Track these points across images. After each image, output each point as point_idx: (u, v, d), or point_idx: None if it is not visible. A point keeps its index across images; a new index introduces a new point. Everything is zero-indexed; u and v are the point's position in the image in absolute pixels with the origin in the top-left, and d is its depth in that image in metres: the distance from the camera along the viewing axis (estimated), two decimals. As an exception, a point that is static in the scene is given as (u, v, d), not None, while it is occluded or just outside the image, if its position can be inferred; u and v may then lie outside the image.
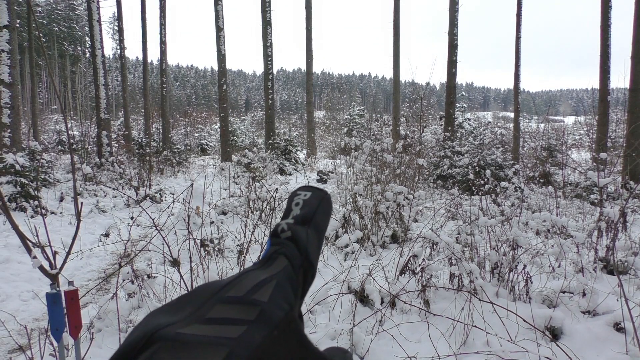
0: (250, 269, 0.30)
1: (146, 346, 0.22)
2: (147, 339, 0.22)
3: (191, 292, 0.27)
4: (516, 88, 15.34)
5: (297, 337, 0.25)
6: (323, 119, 36.29)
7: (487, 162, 9.45)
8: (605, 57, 10.56)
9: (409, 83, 27.13)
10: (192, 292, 0.27)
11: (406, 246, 3.59)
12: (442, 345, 2.20)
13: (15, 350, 2.39)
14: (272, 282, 0.28)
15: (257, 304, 0.25)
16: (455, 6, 12.58)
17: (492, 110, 75.25)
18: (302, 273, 0.31)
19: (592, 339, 2.28)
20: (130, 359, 0.21)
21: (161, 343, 0.22)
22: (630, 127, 9.46)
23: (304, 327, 0.29)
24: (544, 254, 3.20)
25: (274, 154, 13.44)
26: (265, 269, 0.30)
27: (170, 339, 0.22)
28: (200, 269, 3.28)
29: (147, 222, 3.90)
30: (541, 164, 10.00)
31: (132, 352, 0.21)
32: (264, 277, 0.28)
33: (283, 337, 0.24)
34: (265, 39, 14.84)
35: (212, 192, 6.80)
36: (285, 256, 0.31)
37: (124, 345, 0.22)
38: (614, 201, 6.19)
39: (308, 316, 2.45)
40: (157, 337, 0.22)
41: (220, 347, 0.21)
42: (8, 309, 2.92)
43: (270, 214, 3.72)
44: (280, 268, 0.30)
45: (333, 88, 76.00)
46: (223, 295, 0.26)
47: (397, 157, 5.37)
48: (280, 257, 0.31)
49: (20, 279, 3.54)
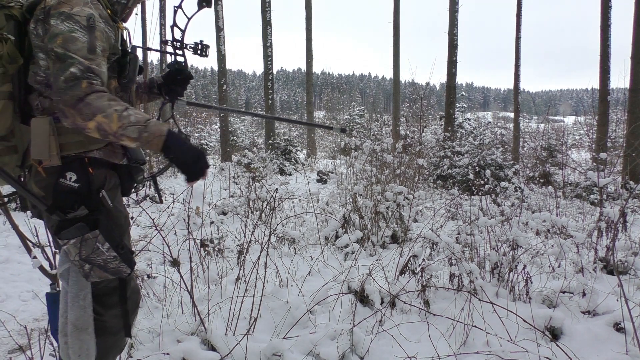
0: None
1: None
2: None
3: None
4: (516, 88, 15.34)
5: None
6: (323, 119, 36.27)
7: (487, 162, 9.45)
8: (605, 57, 10.57)
9: (409, 83, 27.10)
10: None
11: (406, 246, 3.59)
12: (442, 345, 2.20)
13: (15, 350, 2.39)
14: None
15: None
16: (455, 6, 12.58)
17: (492, 110, 75.21)
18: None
19: (592, 339, 2.28)
20: None
21: None
22: (630, 127, 9.46)
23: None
24: (544, 254, 3.19)
25: (274, 154, 13.44)
26: None
27: None
28: (200, 269, 3.28)
29: (147, 222, 3.90)
30: (541, 164, 10.00)
31: None
32: None
33: None
34: (265, 39, 14.83)
35: (212, 192, 6.81)
36: None
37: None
38: (614, 201, 6.19)
39: (308, 316, 2.45)
40: None
41: None
42: (8, 309, 2.92)
43: (270, 214, 3.72)
44: None
45: (333, 88, 75.97)
46: None
47: (397, 157, 5.36)
48: None
49: (20, 279, 3.54)
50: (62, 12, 1.27)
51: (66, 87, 1.20)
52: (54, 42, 1.24)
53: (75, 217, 1.36)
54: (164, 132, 1.29)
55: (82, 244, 1.36)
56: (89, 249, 1.37)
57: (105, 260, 1.40)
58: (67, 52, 1.23)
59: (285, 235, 4.05)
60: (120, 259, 1.43)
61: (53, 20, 1.26)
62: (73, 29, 1.26)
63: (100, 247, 1.38)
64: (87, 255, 1.37)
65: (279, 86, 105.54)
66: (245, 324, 2.38)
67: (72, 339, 1.43)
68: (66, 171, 1.37)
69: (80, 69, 1.22)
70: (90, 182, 1.41)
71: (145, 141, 1.26)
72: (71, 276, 1.43)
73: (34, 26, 1.30)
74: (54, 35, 1.25)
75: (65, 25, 1.26)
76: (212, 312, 2.40)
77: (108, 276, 1.45)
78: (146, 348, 2.21)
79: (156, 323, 2.39)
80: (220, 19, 14.21)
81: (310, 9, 17.18)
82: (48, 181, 1.37)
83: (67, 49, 1.23)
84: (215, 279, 3.16)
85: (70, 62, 1.22)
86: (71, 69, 1.22)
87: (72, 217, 1.36)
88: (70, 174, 1.37)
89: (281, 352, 2.05)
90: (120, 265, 1.44)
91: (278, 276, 3.01)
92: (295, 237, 4.07)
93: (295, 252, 3.91)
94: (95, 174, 1.42)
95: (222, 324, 2.33)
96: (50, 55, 1.25)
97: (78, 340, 1.44)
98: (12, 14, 1.30)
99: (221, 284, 3.00)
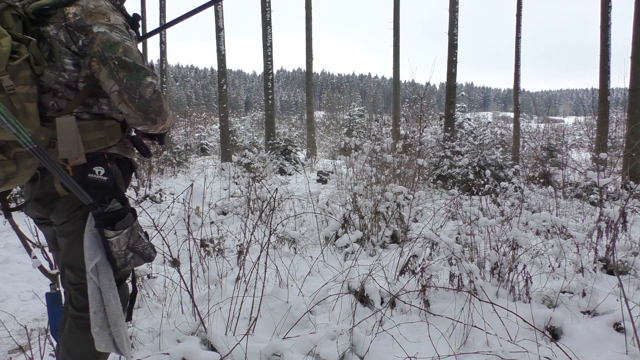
0: None
1: None
2: None
3: None
4: (516, 88, 15.34)
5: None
6: (323, 119, 36.30)
7: (487, 162, 9.45)
8: (605, 57, 10.56)
9: (409, 83, 27.11)
10: None
11: (406, 246, 3.59)
12: (442, 346, 2.20)
13: (15, 350, 2.39)
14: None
15: None
16: (455, 6, 12.58)
17: (492, 110, 75.16)
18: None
19: (592, 339, 2.28)
20: None
21: None
22: (630, 127, 9.46)
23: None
24: (544, 254, 3.19)
25: (274, 154, 13.43)
26: None
27: None
28: (200, 269, 3.28)
29: (147, 222, 3.89)
30: (541, 164, 10.00)
31: None
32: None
33: None
34: (265, 39, 14.82)
35: (212, 192, 6.81)
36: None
37: None
38: (614, 201, 6.19)
39: (308, 316, 2.45)
40: None
41: None
42: (8, 309, 2.91)
43: (270, 214, 3.72)
44: None
45: (333, 88, 75.99)
46: None
47: (397, 157, 5.37)
48: None
49: (20, 279, 3.54)
50: (101, 22, 1.34)
51: (152, 97, 1.36)
52: (114, 51, 1.32)
53: (112, 209, 1.43)
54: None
55: (132, 232, 1.45)
56: (135, 237, 1.46)
57: (144, 247, 1.50)
58: (136, 62, 1.33)
59: (285, 235, 4.05)
60: (149, 244, 1.53)
61: (96, 28, 1.33)
62: (124, 38, 1.35)
63: (141, 234, 1.50)
64: (133, 244, 1.46)
65: (279, 86, 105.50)
66: (245, 324, 2.38)
67: (117, 328, 1.48)
68: (93, 166, 1.43)
69: (155, 78, 1.36)
70: (115, 175, 1.49)
71: (170, 124, 1.50)
72: (100, 270, 1.45)
73: (56, 32, 1.34)
74: (114, 44, 1.32)
75: (116, 34, 1.34)
76: (212, 312, 2.40)
77: (142, 262, 1.53)
78: (146, 348, 2.21)
79: (156, 323, 2.39)
80: (220, 19, 14.21)
81: (310, 9, 17.17)
82: (74, 178, 1.39)
83: (133, 59, 1.33)
84: (215, 279, 3.16)
85: (144, 72, 1.34)
86: (148, 79, 1.35)
87: (111, 209, 1.42)
88: (98, 169, 1.44)
89: (281, 352, 2.05)
90: (151, 251, 1.54)
91: (278, 276, 3.01)
92: (295, 237, 4.07)
93: (295, 252, 3.91)
94: (113, 168, 1.50)
95: (222, 324, 2.33)
96: (111, 64, 1.32)
97: (122, 327, 1.50)
98: (20, 13, 1.31)
99: (221, 284, 3.00)
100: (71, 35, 1.34)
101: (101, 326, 1.47)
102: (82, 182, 1.40)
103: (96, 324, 1.46)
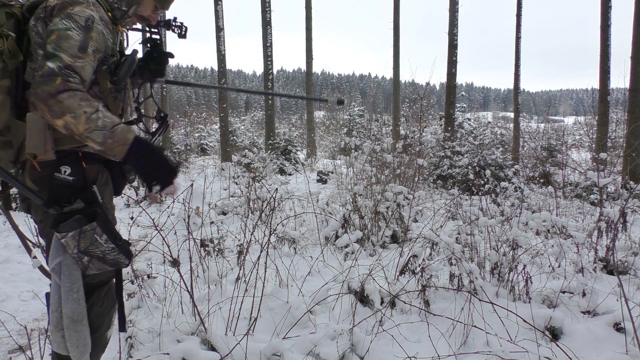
0: None
1: None
2: None
3: None
4: (516, 88, 15.33)
5: None
6: (323, 119, 36.27)
7: (487, 162, 9.45)
8: (605, 57, 10.56)
9: (409, 83, 27.11)
10: None
11: (406, 246, 3.59)
12: (442, 346, 2.20)
13: (15, 350, 2.39)
14: None
15: None
16: (455, 6, 12.57)
17: (492, 110, 75.14)
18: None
19: (592, 339, 2.28)
20: None
21: None
22: (630, 127, 9.46)
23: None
24: (544, 254, 3.19)
25: (274, 154, 13.43)
26: None
27: None
28: (200, 269, 3.28)
29: (147, 222, 3.90)
30: (541, 164, 10.00)
31: None
32: None
33: None
34: (265, 39, 14.82)
35: (212, 192, 6.80)
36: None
37: None
38: (614, 201, 6.19)
39: (308, 316, 2.45)
40: None
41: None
42: (8, 309, 2.92)
43: (270, 214, 3.72)
44: None
45: (333, 88, 76.00)
46: None
47: (397, 157, 5.36)
48: None
49: (20, 279, 3.54)
50: (65, 13, 1.31)
51: (41, 80, 1.22)
52: (48, 39, 1.28)
53: (73, 210, 1.38)
54: (129, 141, 1.31)
55: (81, 236, 1.37)
56: (87, 241, 1.38)
57: (104, 252, 1.43)
58: (56, 49, 1.26)
59: (285, 235, 4.05)
60: (119, 250, 1.45)
61: (55, 19, 1.31)
62: (69, 27, 1.29)
63: (99, 239, 1.40)
64: (86, 248, 1.39)
65: (279, 86, 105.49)
66: (245, 324, 2.38)
67: (69, 331, 1.45)
68: (60, 165, 1.39)
69: (59, 65, 1.24)
70: (85, 175, 1.43)
71: (109, 147, 1.29)
72: (63, 270, 1.44)
73: (34, 23, 1.34)
74: (50, 32, 1.29)
75: (63, 23, 1.30)
76: (212, 312, 2.40)
77: (107, 268, 1.47)
78: (146, 348, 2.21)
79: (156, 323, 2.39)
80: (220, 19, 14.21)
81: (310, 9, 17.17)
82: (42, 175, 1.39)
83: (57, 46, 1.27)
84: (215, 279, 3.16)
85: (57, 58, 1.25)
86: (49, 63, 1.24)
87: (69, 211, 1.38)
88: (64, 168, 1.40)
89: (281, 352, 2.05)
90: (119, 257, 1.46)
91: (278, 276, 3.01)
92: (295, 237, 4.07)
93: (295, 252, 3.91)
94: (88, 169, 1.45)
95: (222, 324, 2.33)
96: (44, 51, 1.28)
97: (75, 332, 1.46)
98: (13, 12, 1.33)
99: (221, 284, 3.00)
100: (42, 24, 1.34)
101: (55, 326, 1.46)
102: (48, 180, 1.39)
103: (51, 322, 1.46)
